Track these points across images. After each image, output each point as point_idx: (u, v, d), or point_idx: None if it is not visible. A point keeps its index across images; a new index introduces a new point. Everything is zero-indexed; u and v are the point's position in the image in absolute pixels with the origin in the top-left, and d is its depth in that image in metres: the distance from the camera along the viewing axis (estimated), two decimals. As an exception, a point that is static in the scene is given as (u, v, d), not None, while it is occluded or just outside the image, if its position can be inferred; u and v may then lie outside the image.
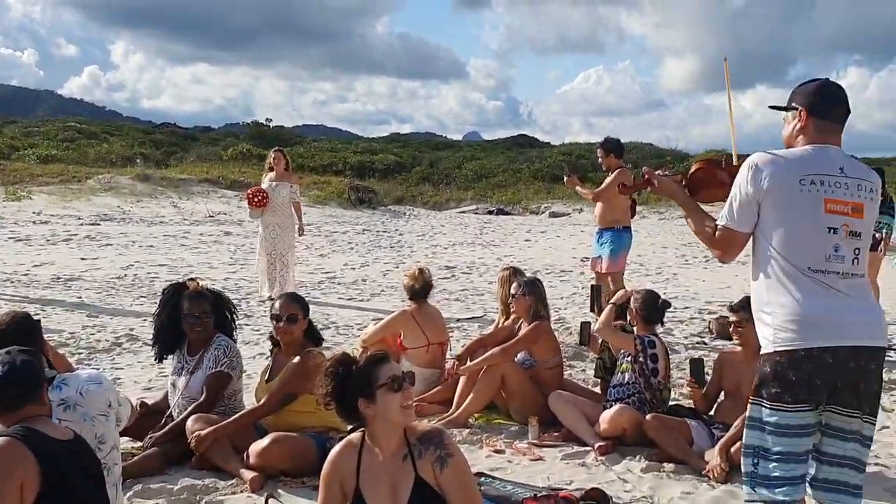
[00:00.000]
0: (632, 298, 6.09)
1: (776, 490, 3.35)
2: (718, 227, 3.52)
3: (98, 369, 5.12)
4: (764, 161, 3.39)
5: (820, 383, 3.29)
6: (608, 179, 9.52)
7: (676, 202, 3.82)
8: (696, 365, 5.94)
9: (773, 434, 3.34)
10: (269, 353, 5.81)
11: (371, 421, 3.60)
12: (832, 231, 3.34)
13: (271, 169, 12.00)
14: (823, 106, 3.46)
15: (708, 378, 6.06)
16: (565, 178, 10.23)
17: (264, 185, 11.86)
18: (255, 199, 11.61)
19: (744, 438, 3.49)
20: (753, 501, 3.48)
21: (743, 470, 3.49)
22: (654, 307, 6.03)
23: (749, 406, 3.46)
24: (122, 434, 4.47)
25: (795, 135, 3.49)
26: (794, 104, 3.51)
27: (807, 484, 3.43)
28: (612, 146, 9.63)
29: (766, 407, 3.37)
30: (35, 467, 3.17)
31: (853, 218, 3.37)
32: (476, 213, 31.98)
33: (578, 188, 10.00)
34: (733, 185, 3.49)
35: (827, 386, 3.30)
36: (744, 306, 5.67)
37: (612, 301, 6.27)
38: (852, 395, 3.35)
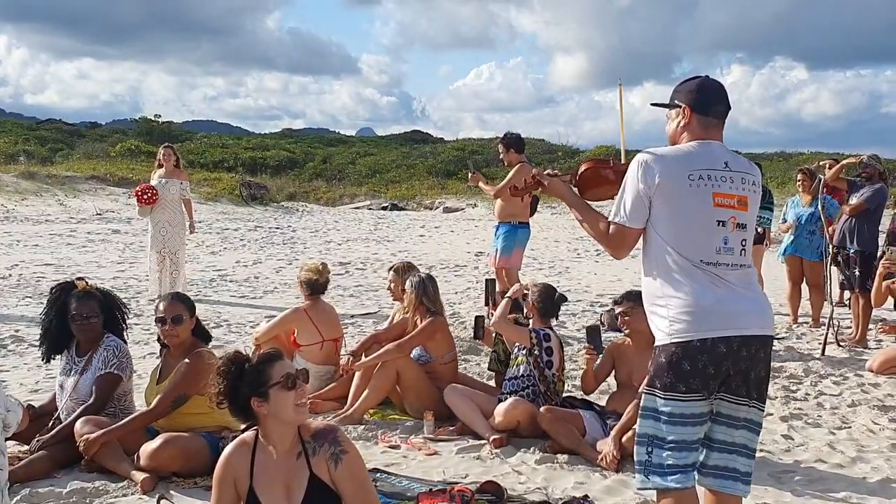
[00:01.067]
0: (529, 292, 6.15)
1: (669, 478, 3.42)
2: (611, 224, 3.56)
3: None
4: (652, 158, 3.46)
5: (713, 372, 3.38)
6: (509, 175, 9.49)
7: (566, 203, 3.82)
8: (593, 331, 5.96)
9: (667, 423, 3.42)
10: (159, 354, 5.70)
11: (264, 420, 3.58)
12: (721, 224, 3.43)
13: (161, 166, 11.80)
14: (705, 103, 3.54)
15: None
16: (469, 175, 10.22)
17: (154, 182, 11.64)
18: (145, 197, 11.40)
19: (637, 428, 3.57)
20: (646, 489, 3.58)
21: (636, 458, 3.55)
22: (550, 301, 6.11)
23: (643, 396, 3.53)
24: (8, 437, 4.33)
25: (680, 131, 3.57)
26: (676, 101, 3.59)
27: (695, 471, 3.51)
28: (513, 141, 9.60)
29: (659, 397, 3.44)
30: None
31: (739, 211, 3.48)
32: (370, 209, 31.94)
33: (482, 185, 10.00)
34: (623, 182, 3.53)
35: (719, 375, 3.39)
36: (627, 297, 5.84)
37: (507, 295, 6.34)
38: (742, 383, 3.45)
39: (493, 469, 5.31)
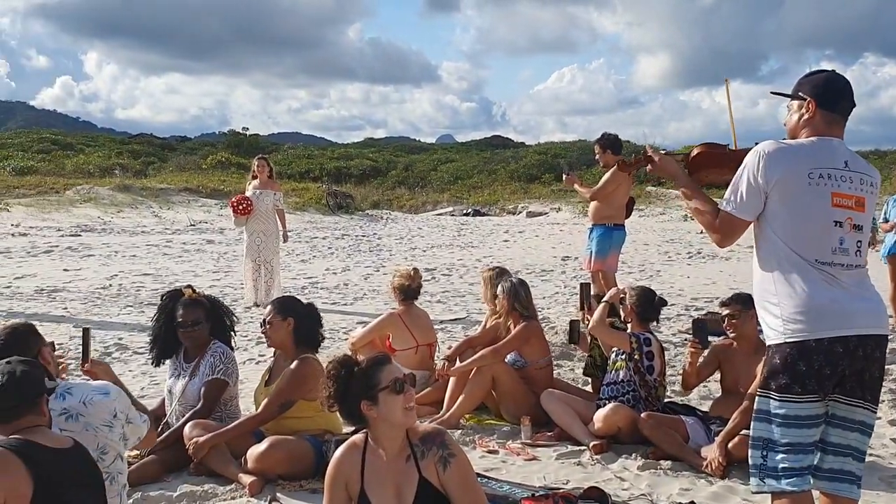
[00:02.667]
0: (627, 295, 6.06)
1: (784, 481, 3.38)
2: (721, 212, 3.53)
3: (120, 377, 5.09)
4: (774, 152, 3.41)
5: (829, 373, 3.33)
6: (605, 176, 9.29)
7: (676, 182, 3.82)
8: (699, 325, 5.82)
9: (782, 426, 3.37)
10: (258, 358, 5.80)
11: (374, 423, 3.62)
12: (838, 224, 3.39)
13: (255, 177, 12.07)
14: (831, 98, 3.49)
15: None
16: (564, 177, 10.05)
17: (248, 193, 11.91)
18: (240, 207, 11.70)
19: (752, 431, 3.52)
20: (761, 492, 3.53)
21: (751, 462, 3.51)
22: (650, 304, 6.01)
23: (757, 398, 3.49)
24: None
25: (802, 125, 3.51)
26: (801, 94, 3.53)
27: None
28: (610, 142, 9.35)
29: (774, 399, 3.39)
30: (25, 476, 3.17)
31: (856, 212, 3.43)
32: (452, 215, 31.99)
33: (577, 186, 9.80)
34: (739, 171, 3.49)
35: (835, 376, 3.34)
36: (736, 299, 5.69)
37: (604, 299, 6.26)
38: (857, 384, 3.39)
39: (595, 475, 5.26)
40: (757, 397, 3.49)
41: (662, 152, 3.94)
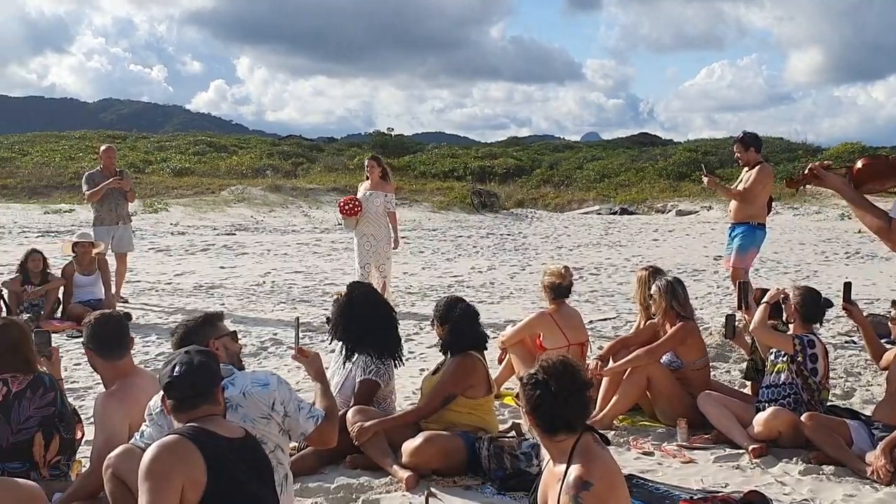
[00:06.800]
0: (791, 295, 5.90)
1: None
2: (894, 220, 3.75)
3: (275, 371, 5.20)
4: None
5: None
6: (752, 176, 9.14)
7: (843, 196, 4.06)
8: (847, 288, 6.18)
9: None
10: (406, 354, 5.94)
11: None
12: None
13: (368, 177, 11.20)
14: None
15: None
16: (705, 180, 9.97)
17: (359, 194, 11.13)
18: (346, 207, 10.88)
19: None
20: None
21: None
22: (815, 305, 5.88)
23: None
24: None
25: None
26: None
27: None
28: (751, 141, 9.25)
29: None
30: (201, 465, 3.27)
31: None
32: (599, 214, 31.56)
33: (720, 189, 9.81)
34: None
35: None
36: None
37: (764, 299, 6.07)
38: None
39: (754, 479, 5.15)
40: None
41: (825, 165, 4.22)
